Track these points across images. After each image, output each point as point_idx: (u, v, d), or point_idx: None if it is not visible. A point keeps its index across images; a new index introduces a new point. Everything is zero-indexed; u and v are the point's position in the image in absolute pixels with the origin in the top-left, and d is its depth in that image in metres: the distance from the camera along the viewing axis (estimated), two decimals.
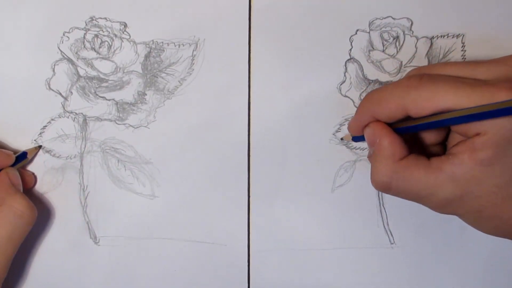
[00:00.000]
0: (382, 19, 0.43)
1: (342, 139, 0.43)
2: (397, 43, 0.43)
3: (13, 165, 0.41)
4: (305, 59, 0.43)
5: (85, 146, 0.43)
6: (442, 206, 0.36)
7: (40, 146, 0.43)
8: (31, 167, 0.43)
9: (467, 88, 0.33)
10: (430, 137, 0.39)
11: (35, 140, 0.43)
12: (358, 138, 0.40)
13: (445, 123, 0.34)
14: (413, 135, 0.38)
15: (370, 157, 0.38)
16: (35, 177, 0.43)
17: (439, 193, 0.35)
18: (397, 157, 0.36)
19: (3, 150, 0.41)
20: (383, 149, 0.36)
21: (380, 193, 0.43)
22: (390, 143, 0.36)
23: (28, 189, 0.42)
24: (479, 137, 0.34)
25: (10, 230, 0.38)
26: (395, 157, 0.36)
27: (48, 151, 0.43)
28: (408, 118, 0.36)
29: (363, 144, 0.43)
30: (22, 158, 0.42)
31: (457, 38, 0.43)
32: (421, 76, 0.35)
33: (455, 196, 0.35)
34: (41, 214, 0.43)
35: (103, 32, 0.42)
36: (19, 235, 0.39)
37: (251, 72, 0.43)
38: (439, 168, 0.35)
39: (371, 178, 0.37)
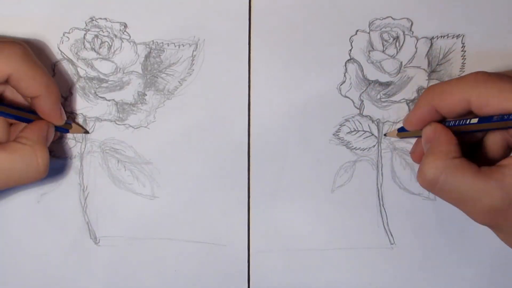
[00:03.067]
0: (382, 20, 0.43)
1: (385, 135, 0.43)
2: (397, 44, 0.43)
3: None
4: (305, 59, 0.43)
5: (85, 147, 0.43)
6: (485, 214, 0.35)
7: (87, 131, 0.43)
8: None
9: None
10: (475, 138, 0.39)
11: None
12: (404, 131, 0.40)
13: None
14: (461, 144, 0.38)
15: (413, 154, 0.40)
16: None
17: (485, 199, 0.35)
18: (451, 155, 0.36)
19: (63, 112, 0.40)
20: (440, 144, 0.37)
21: (380, 193, 0.43)
22: (448, 141, 0.37)
23: None
24: None
25: (16, 169, 0.36)
26: (449, 155, 0.36)
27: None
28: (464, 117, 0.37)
29: (364, 144, 0.43)
30: (63, 129, 0.41)
31: (457, 38, 0.43)
32: (490, 73, 0.36)
33: (502, 205, 0.34)
34: (41, 215, 0.43)
35: (103, 32, 0.42)
36: (17, 179, 0.37)
37: (251, 72, 0.43)
38: (489, 175, 0.35)
39: (420, 173, 0.37)
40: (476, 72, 0.37)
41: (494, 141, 0.39)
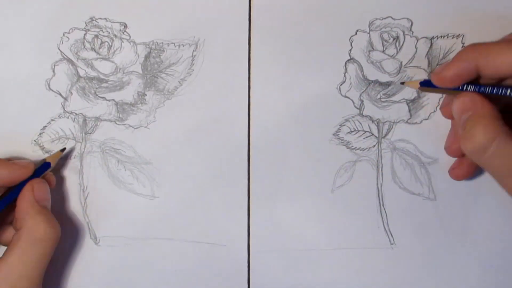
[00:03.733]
0: (382, 20, 0.43)
1: (403, 83, 0.41)
2: (397, 44, 0.43)
3: (37, 176, 0.39)
4: (305, 59, 0.43)
5: (85, 147, 0.43)
6: None
7: (63, 149, 0.42)
8: None
9: None
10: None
11: (34, 140, 0.43)
12: (428, 86, 0.38)
13: None
14: None
15: (455, 126, 0.37)
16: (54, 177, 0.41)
17: None
18: (502, 123, 0.34)
19: (18, 161, 0.39)
20: (487, 110, 0.34)
21: (380, 193, 0.43)
22: (492, 109, 0.34)
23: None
24: None
25: (33, 255, 0.37)
26: (500, 121, 0.34)
27: (47, 152, 0.43)
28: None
29: (364, 144, 0.43)
30: (45, 167, 0.40)
31: (457, 38, 0.43)
32: None
33: None
34: None
35: (103, 32, 0.42)
36: (44, 258, 0.37)
37: (251, 72, 0.43)
38: None
39: (467, 138, 0.34)
40: None
41: None
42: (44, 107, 0.43)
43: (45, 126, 0.43)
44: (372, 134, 0.43)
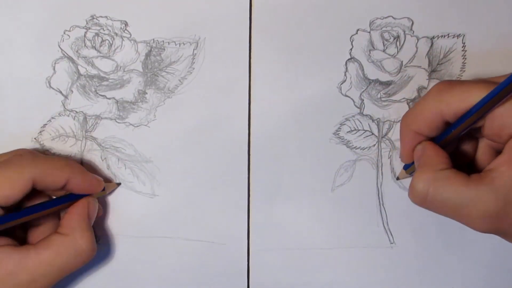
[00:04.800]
0: (382, 19, 0.43)
1: (398, 178, 0.43)
2: (398, 43, 0.43)
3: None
4: (306, 58, 0.43)
5: (85, 145, 0.43)
6: (483, 220, 0.35)
7: (119, 184, 0.43)
8: None
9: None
10: (466, 151, 0.40)
11: (35, 138, 0.43)
12: (410, 166, 0.41)
13: (477, 107, 0.34)
14: (452, 155, 0.38)
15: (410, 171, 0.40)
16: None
17: (479, 205, 0.34)
18: (439, 167, 0.36)
19: (97, 176, 0.40)
20: (427, 158, 0.37)
21: (380, 192, 0.43)
22: (435, 154, 0.37)
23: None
24: None
25: (64, 262, 0.37)
26: (437, 166, 0.36)
27: (48, 150, 0.43)
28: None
29: (364, 144, 0.43)
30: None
31: (457, 38, 0.43)
32: (450, 81, 0.37)
33: (496, 208, 0.34)
34: None
35: (104, 30, 0.42)
36: (69, 269, 0.38)
37: (251, 71, 0.43)
38: (479, 181, 0.35)
39: (410, 190, 0.37)
40: (437, 84, 0.37)
41: (483, 151, 0.39)
42: (45, 105, 0.43)
43: (46, 124, 0.43)
44: (372, 134, 0.43)
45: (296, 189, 0.43)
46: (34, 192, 0.38)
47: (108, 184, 0.42)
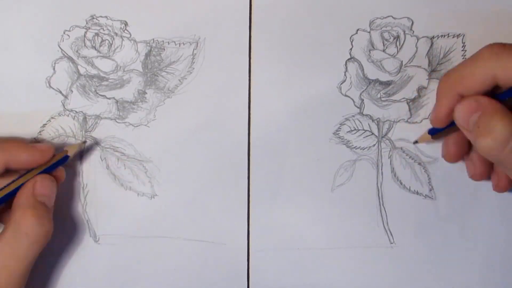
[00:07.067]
0: (382, 19, 0.43)
1: (416, 142, 0.42)
2: (398, 43, 0.43)
3: (50, 169, 0.39)
4: (306, 58, 0.43)
5: (85, 145, 0.43)
6: None
7: (84, 142, 0.41)
8: None
9: None
10: None
11: (34, 138, 0.43)
12: (438, 132, 0.39)
13: None
14: None
15: (447, 155, 0.39)
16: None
17: None
18: None
19: (39, 145, 0.39)
20: (498, 106, 0.34)
21: (380, 192, 0.43)
22: (501, 104, 0.34)
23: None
24: None
25: (14, 248, 0.36)
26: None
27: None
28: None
29: (364, 143, 0.43)
30: (63, 160, 0.40)
31: (457, 38, 0.43)
32: (504, 44, 0.34)
33: None
34: None
35: (104, 30, 0.42)
36: (26, 254, 0.36)
37: (251, 71, 0.43)
38: None
39: (485, 134, 0.33)
40: (489, 45, 0.35)
41: None
42: (45, 105, 0.43)
43: (45, 124, 0.43)
44: (372, 133, 0.43)
45: (296, 189, 0.43)
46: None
47: (70, 146, 0.41)
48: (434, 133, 0.40)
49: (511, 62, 0.34)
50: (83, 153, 0.43)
